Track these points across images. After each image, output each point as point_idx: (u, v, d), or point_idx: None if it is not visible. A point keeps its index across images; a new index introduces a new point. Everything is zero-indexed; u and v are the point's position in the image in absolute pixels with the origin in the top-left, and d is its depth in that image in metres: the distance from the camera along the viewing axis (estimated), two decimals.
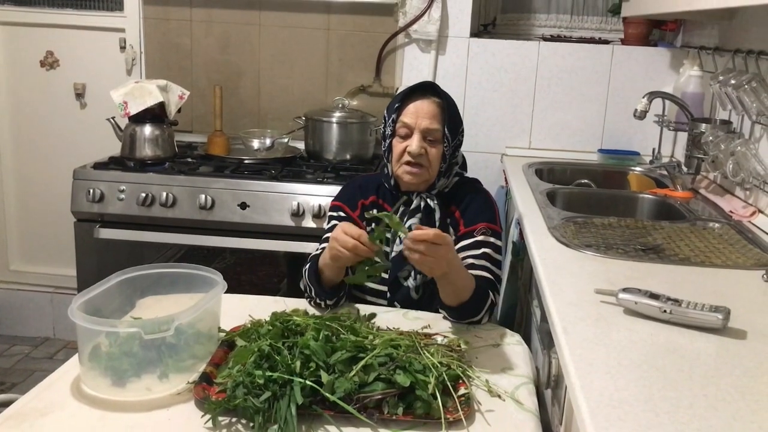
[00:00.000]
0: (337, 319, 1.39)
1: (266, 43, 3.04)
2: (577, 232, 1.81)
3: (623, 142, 2.93)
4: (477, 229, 1.71)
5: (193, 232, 2.52)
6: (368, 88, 3.00)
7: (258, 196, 2.48)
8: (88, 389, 1.24)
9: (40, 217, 3.31)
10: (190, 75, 3.08)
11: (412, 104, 1.71)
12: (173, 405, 1.20)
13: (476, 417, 1.19)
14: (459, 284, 1.53)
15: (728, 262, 1.62)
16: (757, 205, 2.00)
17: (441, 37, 2.91)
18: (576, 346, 1.15)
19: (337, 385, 1.17)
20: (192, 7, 3.03)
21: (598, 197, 2.41)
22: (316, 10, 2.98)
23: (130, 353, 1.24)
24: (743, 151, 2.00)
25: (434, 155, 1.70)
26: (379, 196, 1.81)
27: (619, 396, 0.99)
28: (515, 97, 2.95)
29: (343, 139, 2.76)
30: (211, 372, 1.27)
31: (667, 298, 1.26)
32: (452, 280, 1.52)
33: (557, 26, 3.19)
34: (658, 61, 2.86)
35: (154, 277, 1.44)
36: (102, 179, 2.54)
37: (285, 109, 3.04)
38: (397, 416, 1.16)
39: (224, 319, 1.42)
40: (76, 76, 3.16)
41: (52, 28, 3.12)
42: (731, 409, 0.97)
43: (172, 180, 2.52)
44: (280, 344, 1.25)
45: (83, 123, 3.18)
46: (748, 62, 2.07)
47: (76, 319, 1.21)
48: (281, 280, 2.64)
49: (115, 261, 2.49)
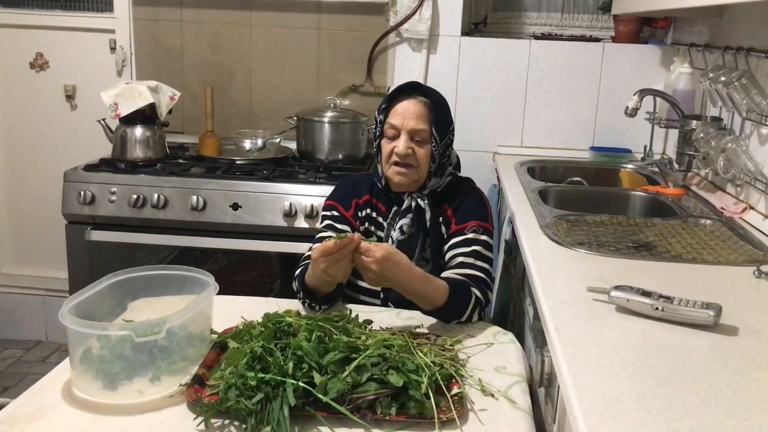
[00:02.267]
0: (330, 319, 1.38)
1: (257, 43, 3.03)
2: (569, 230, 1.81)
3: (615, 139, 2.93)
4: (468, 227, 1.71)
5: (185, 233, 2.51)
6: (360, 87, 3.00)
7: (250, 197, 2.48)
8: (79, 393, 1.24)
9: (31, 220, 3.29)
10: (180, 76, 3.07)
11: (399, 105, 1.71)
12: (165, 408, 1.20)
13: (469, 416, 1.19)
14: (421, 294, 1.54)
15: (720, 258, 1.63)
16: (748, 202, 2.01)
17: (432, 36, 2.91)
18: (568, 344, 1.15)
19: (329, 386, 1.16)
20: (182, 7, 3.02)
21: (590, 195, 2.42)
22: (307, 10, 2.97)
23: (121, 356, 1.23)
24: (734, 147, 2.01)
25: (422, 155, 1.70)
26: (373, 196, 1.80)
27: (611, 394, 0.99)
28: (507, 95, 2.95)
29: (335, 139, 2.76)
30: (204, 374, 1.26)
31: (659, 295, 1.26)
32: (411, 291, 1.53)
33: (548, 24, 3.20)
34: (648, 59, 2.87)
35: (145, 279, 1.44)
36: (93, 181, 2.52)
37: (276, 110, 3.03)
38: (390, 416, 1.16)
39: (216, 321, 1.42)
40: (66, 78, 3.14)
41: (41, 29, 3.11)
42: (723, 405, 0.97)
43: (163, 181, 2.51)
44: (273, 345, 1.24)
45: (74, 125, 3.17)
46: (737, 59, 2.07)
47: (66, 322, 1.21)
48: (274, 280, 2.63)
49: (107, 263, 2.48)
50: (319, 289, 1.59)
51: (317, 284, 1.56)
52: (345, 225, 1.77)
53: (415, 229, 1.74)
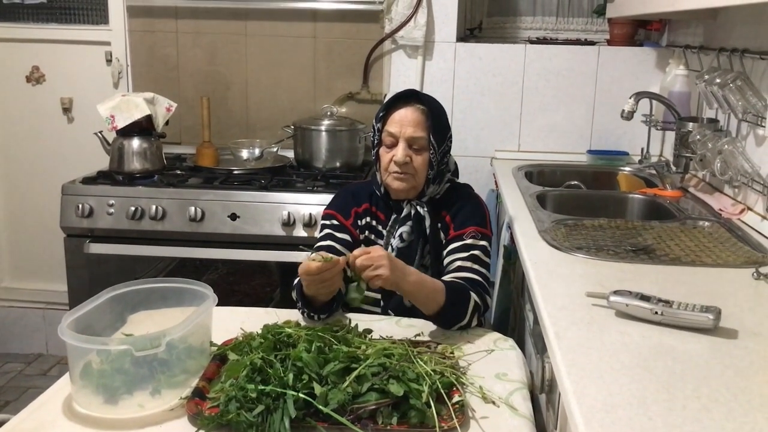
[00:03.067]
0: (330, 329, 1.38)
1: (253, 52, 3.03)
2: (568, 235, 1.81)
3: (612, 142, 2.94)
4: (467, 232, 1.71)
5: (183, 244, 2.51)
6: (356, 95, 3.01)
7: (248, 207, 2.48)
8: (80, 408, 1.23)
9: (29, 233, 3.29)
10: (177, 86, 3.07)
11: (396, 113, 1.71)
12: (166, 421, 1.20)
13: (471, 424, 1.19)
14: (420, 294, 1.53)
15: (718, 260, 1.63)
16: (745, 203, 2.01)
17: (428, 43, 2.92)
18: (568, 350, 1.15)
19: (330, 397, 1.16)
20: (178, 18, 3.03)
21: (588, 198, 2.42)
22: (303, 19, 2.98)
23: (121, 370, 1.23)
24: (730, 149, 2.01)
25: (420, 163, 1.70)
26: (372, 204, 1.81)
27: (612, 400, 0.99)
28: (503, 100, 2.96)
29: (333, 147, 2.76)
30: (204, 387, 1.26)
31: (658, 299, 1.26)
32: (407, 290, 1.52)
33: (543, 28, 3.21)
34: (644, 61, 2.88)
35: (144, 292, 1.43)
36: (91, 194, 2.52)
37: (273, 119, 3.03)
38: (391, 426, 1.16)
39: (216, 333, 1.42)
40: (62, 91, 3.15)
41: (37, 42, 3.11)
42: (724, 409, 0.97)
43: (161, 193, 2.51)
44: (273, 357, 1.24)
45: (71, 137, 3.17)
46: (732, 61, 2.08)
47: (65, 337, 1.21)
48: (274, 289, 2.63)
49: (106, 275, 2.48)
50: (316, 298, 1.58)
51: (313, 293, 1.56)
52: (344, 234, 1.77)
53: (414, 237, 1.74)
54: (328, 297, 1.58)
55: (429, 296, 1.54)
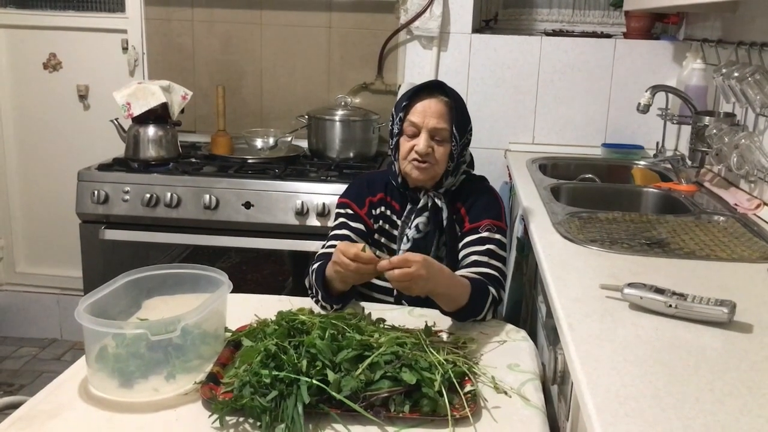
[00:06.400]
0: (343, 317, 1.39)
1: (268, 42, 3.04)
2: (582, 227, 1.81)
3: (627, 136, 2.92)
4: (482, 225, 1.71)
5: (197, 232, 2.52)
6: (370, 85, 3.00)
7: (262, 196, 2.49)
8: (95, 391, 1.25)
9: (45, 220, 3.32)
10: (192, 75, 3.08)
11: (420, 103, 1.70)
12: (180, 405, 1.21)
13: (483, 414, 1.20)
14: (450, 296, 1.53)
15: (733, 255, 1.62)
16: (762, 198, 2.00)
17: (443, 34, 2.91)
18: (581, 342, 1.15)
19: (343, 384, 1.17)
20: (193, 7, 3.03)
21: (602, 192, 2.41)
22: (318, 9, 2.98)
23: (137, 354, 1.24)
24: (747, 143, 2.00)
25: (441, 154, 1.70)
26: (387, 193, 1.80)
27: (625, 392, 0.99)
28: (518, 92, 2.95)
29: (347, 137, 2.76)
30: (218, 372, 1.27)
31: (673, 292, 1.26)
32: (439, 293, 1.51)
33: (559, 21, 3.19)
34: (660, 55, 2.86)
35: (159, 277, 1.44)
36: (106, 180, 2.54)
37: (288, 108, 3.04)
38: (403, 414, 1.16)
39: (230, 319, 1.43)
40: (78, 78, 3.16)
41: (54, 30, 3.13)
42: (738, 403, 0.97)
43: (176, 180, 2.52)
44: (286, 343, 1.25)
45: (87, 124, 3.19)
46: (751, 54, 2.06)
47: (82, 321, 1.22)
48: (286, 278, 2.64)
49: (121, 262, 2.50)
50: (333, 284, 1.58)
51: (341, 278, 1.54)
52: (359, 223, 1.77)
53: (430, 228, 1.74)
54: (348, 287, 1.58)
55: (454, 299, 1.54)
